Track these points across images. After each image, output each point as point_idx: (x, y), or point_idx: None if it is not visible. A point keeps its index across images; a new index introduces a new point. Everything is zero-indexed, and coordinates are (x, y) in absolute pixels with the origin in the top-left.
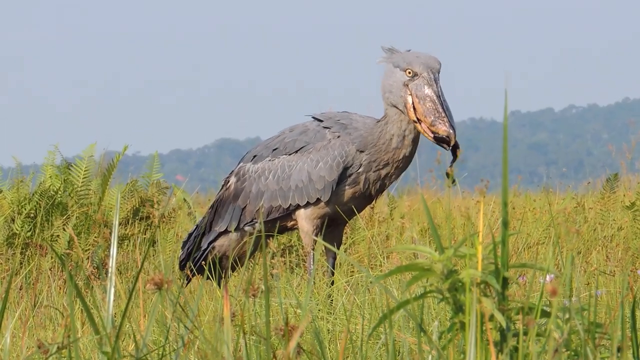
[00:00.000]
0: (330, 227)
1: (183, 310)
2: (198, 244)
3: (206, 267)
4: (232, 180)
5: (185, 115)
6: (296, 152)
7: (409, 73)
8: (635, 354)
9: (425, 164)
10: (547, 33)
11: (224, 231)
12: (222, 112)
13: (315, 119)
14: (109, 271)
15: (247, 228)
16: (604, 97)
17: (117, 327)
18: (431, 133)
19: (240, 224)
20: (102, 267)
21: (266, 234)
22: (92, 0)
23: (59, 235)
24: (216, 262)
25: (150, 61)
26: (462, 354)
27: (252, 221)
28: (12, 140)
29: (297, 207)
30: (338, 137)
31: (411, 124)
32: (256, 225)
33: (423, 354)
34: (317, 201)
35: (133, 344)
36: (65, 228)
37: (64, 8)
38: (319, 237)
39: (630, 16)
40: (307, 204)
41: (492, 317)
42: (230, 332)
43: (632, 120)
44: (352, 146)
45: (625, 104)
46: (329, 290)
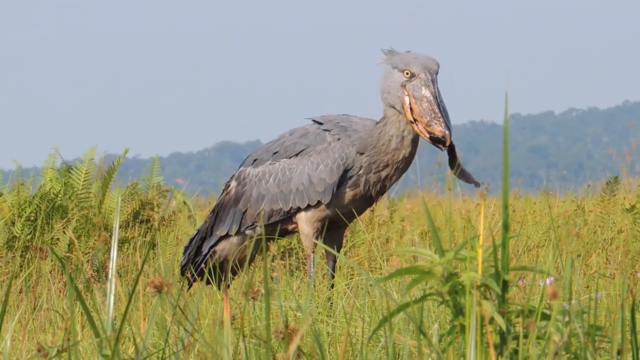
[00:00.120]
0: (331, 230)
1: (183, 313)
2: (199, 248)
3: (206, 270)
4: (233, 185)
5: (186, 117)
6: (296, 155)
7: (407, 74)
8: (635, 356)
9: (426, 166)
10: (546, 34)
11: (225, 235)
12: (222, 114)
13: (315, 121)
14: (109, 274)
15: (248, 232)
16: (604, 100)
17: (117, 330)
18: (427, 133)
19: (241, 227)
20: (102, 270)
21: (267, 237)
22: (92, 0)
23: (59, 239)
24: (217, 266)
25: (150, 61)
26: (462, 357)
27: (253, 225)
28: (12, 141)
29: (298, 210)
30: (338, 139)
31: (409, 124)
32: (257, 229)
33: (423, 357)
34: (318, 204)
35: (133, 347)
36: (66, 231)
37: (63, 8)
38: (320, 240)
39: (629, 19)
40: (308, 207)
41: (492, 319)
42: (230, 335)
43: (633, 123)
44: (352, 148)
45: (625, 106)
46: (329, 293)
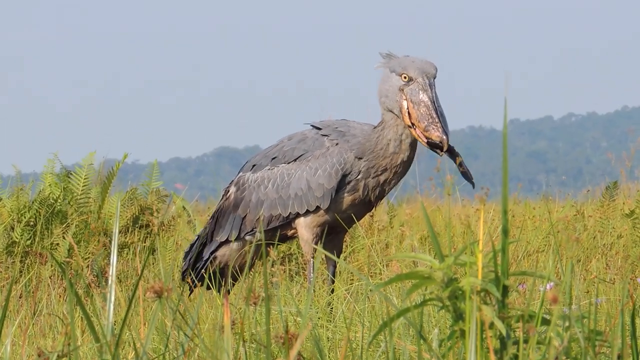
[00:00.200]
0: (330, 236)
1: (183, 318)
2: (200, 254)
3: (206, 276)
4: (232, 190)
5: (184, 120)
6: (295, 160)
7: (405, 78)
8: None
9: (425, 172)
10: (545, 37)
11: (225, 241)
12: (222, 117)
13: (313, 127)
14: (109, 279)
15: (247, 237)
16: (603, 105)
17: (117, 335)
18: (424, 138)
19: (241, 233)
20: (102, 275)
21: (267, 242)
22: (92, 0)
23: (59, 244)
24: (217, 272)
25: (150, 61)
26: None
27: (252, 230)
28: (11, 142)
29: (297, 215)
30: (336, 144)
31: (407, 128)
32: (257, 234)
33: None
34: (317, 209)
35: (133, 352)
36: (65, 236)
37: (64, 8)
38: (319, 246)
39: (627, 23)
40: (307, 212)
41: (492, 325)
42: (230, 340)
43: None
44: (351, 153)
45: (624, 112)
46: (329, 298)
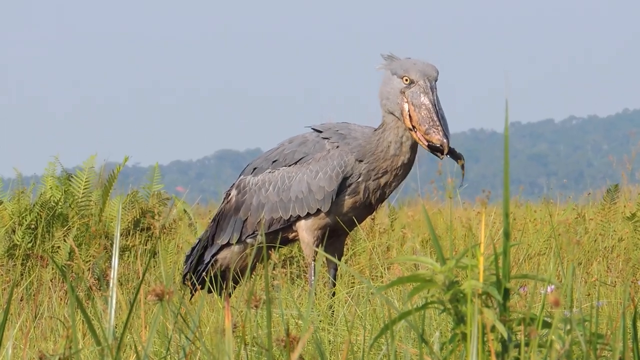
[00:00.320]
0: (331, 239)
1: (184, 321)
2: (201, 257)
3: (207, 279)
4: (233, 193)
5: (186, 125)
6: (295, 163)
7: (406, 80)
8: None
9: (426, 175)
10: (547, 40)
11: (226, 244)
12: (223, 120)
13: (314, 130)
14: (111, 282)
15: (248, 240)
16: (604, 108)
17: (119, 339)
18: (425, 141)
19: (242, 236)
20: (103, 278)
21: (268, 245)
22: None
23: (60, 247)
24: (218, 275)
25: (151, 63)
26: None
27: (253, 233)
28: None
29: (298, 218)
30: (337, 147)
31: (408, 131)
32: (258, 237)
33: None
34: (318, 212)
35: (134, 355)
36: (66, 239)
37: (64, 8)
38: (320, 248)
39: (629, 26)
40: (308, 215)
41: (493, 328)
42: (232, 343)
43: (633, 131)
44: (351, 156)
45: (625, 114)
46: (330, 301)
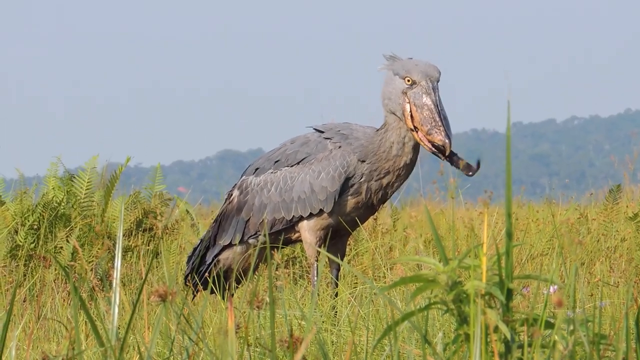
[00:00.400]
0: (334, 239)
1: (187, 322)
2: (202, 258)
3: (210, 280)
4: (235, 194)
5: (188, 125)
6: (298, 163)
7: (408, 81)
8: None
9: (428, 175)
10: (548, 40)
11: (229, 244)
12: (225, 120)
13: (316, 130)
14: (114, 283)
15: (251, 241)
16: (606, 108)
17: (122, 340)
18: (427, 142)
19: (244, 236)
20: (106, 278)
21: (270, 245)
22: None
23: (63, 247)
24: (221, 276)
25: (152, 63)
26: None
27: (255, 234)
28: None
29: (300, 218)
30: (339, 147)
31: (410, 132)
32: (260, 238)
33: None
34: (320, 212)
35: (137, 356)
36: (69, 240)
37: (64, 8)
38: (323, 249)
39: (631, 26)
40: (310, 215)
41: (496, 328)
42: (235, 344)
43: (635, 131)
44: (354, 156)
45: (627, 115)
46: (333, 302)
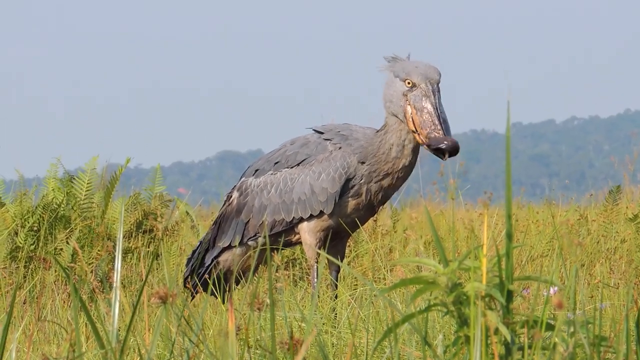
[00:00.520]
0: (334, 241)
1: (188, 324)
2: (202, 259)
3: (210, 282)
4: (235, 195)
5: (187, 126)
6: (298, 164)
7: (408, 83)
8: None
9: (428, 176)
10: (548, 41)
11: (228, 246)
12: (224, 121)
13: (316, 131)
14: (114, 285)
15: (250, 242)
16: (605, 108)
17: (122, 341)
18: (427, 144)
19: (244, 238)
20: (106, 280)
21: (270, 247)
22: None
23: (63, 249)
24: (221, 277)
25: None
26: None
27: (255, 235)
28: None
29: (300, 220)
30: (339, 148)
31: (410, 133)
32: (260, 240)
33: None
34: (320, 214)
35: (138, 358)
36: (69, 241)
37: (64, 8)
38: (323, 250)
39: (631, 26)
40: (310, 217)
41: (496, 330)
42: (235, 346)
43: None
44: (354, 157)
45: (626, 115)
46: (333, 304)
